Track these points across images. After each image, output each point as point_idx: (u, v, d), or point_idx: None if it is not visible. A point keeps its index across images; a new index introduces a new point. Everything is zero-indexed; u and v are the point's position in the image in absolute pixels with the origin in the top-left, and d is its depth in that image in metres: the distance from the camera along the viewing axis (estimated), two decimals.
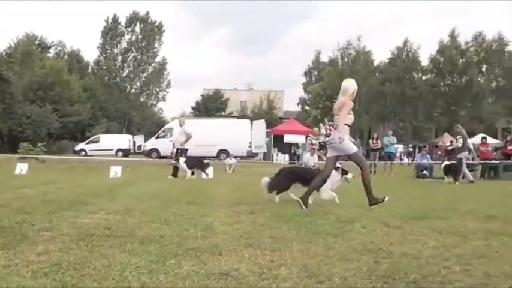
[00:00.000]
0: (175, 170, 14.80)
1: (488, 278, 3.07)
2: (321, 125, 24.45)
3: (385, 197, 7.02)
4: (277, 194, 7.58)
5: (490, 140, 34.04)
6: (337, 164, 7.51)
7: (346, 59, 61.00)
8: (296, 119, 44.16)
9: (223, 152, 29.57)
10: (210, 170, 15.28)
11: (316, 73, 68.50)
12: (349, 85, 7.32)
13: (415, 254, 3.74)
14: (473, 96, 55.49)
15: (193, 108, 63.19)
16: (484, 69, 59.39)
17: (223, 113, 60.85)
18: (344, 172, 7.73)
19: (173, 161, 15.27)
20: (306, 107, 65.37)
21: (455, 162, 15.84)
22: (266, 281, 2.98)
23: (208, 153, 29.41)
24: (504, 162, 19.73)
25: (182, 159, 14.68)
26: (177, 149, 15.65)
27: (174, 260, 3.42)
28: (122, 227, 4.75)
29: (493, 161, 20.47)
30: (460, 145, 16.77)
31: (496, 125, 55.62)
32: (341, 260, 3.52)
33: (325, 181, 7.22)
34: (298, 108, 68.22)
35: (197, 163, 15.28)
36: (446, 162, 16.42)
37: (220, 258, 3.51)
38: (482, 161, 20.25)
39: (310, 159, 17.35)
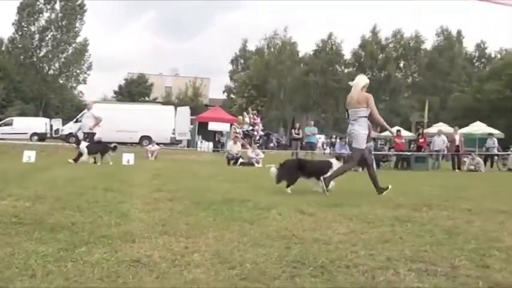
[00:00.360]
0: (79, 155, 14.15)
1: (389, 262, 3.26)
2: (244, 113, 24.66)
3: (388, 186, 7.77)
4: (287, 186, 7.63)
5: (405, 133, 35.98)
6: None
7: (272, 49, 61.71)
8: (221, 107, 44.10)
9: (145, 139, 28.99)
10: (130, 157, 14.92)
11: (242, 61, 68.84)
12: (359, 80, 7.90)
13: (326, 239, 3.90)
14: (391, 91, 58.23)
15: (115, 93, 61.40)
16: (401, 65, 62.57)
17: (147, 99, 59.59)
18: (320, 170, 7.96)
19: (75, 145, 14.63)
20: (232, 95, 65.56)
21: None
22: (178, 267, 2.99)
23: (130, 139, 28.77)
24: (415, 153, 20.93)
25: (84, 144, 14.12)
26: (84, 133, 15.09)
27: (84, 247, 3.34)
28: (31, 214, 4.55)
29: (406, 153, 21.64)
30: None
31: (411, 118, 58.85)
32: (254, 246, 3.59)
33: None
34: (223, 96, 68.34)
35: (101, 148, 14.62)
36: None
37: (133, 246, 3.47)
38: (396, 153, 21.35)
39: (233, 147, 17.46)
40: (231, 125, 31.16)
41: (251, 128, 28.18)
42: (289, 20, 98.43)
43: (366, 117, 7.71)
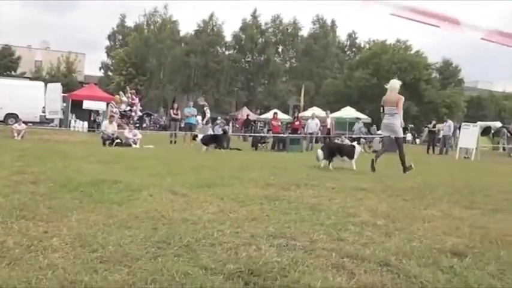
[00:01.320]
0: None
1: (253, 238, 3.39)
2: (121, 93, 23.74)
3: (411, 164, 9.89)
4: (328, 164, 9.86)
5: (282, 116, 37.39)
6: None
7: (152, 27, 60.03)
8: (97, 85, 42.05)
9: (11, 117, 26.80)
10: None
11: (120, 38, 65.93)
12: (395, 84, 10.05)
13: (195, 219, 3.93)
14: (269, 74, 59.85)
15: None
16: (280, 50, 64.50)
17: (13, 73, 54.79)
18: (348, 152, 10.16)
19: None
20: (109, 73, 62.77)
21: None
22: (33, 253, 2.82)
23: None
24: (291, 135, 21.84)
25: None
26: None
27: None
28: None
29: (282, 135, 22.49)
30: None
31: (288, 102, 61.27)
32: (120, 227, 3.51)
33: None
34: (100, 74, 65.06)
35: None
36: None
37: None
38: (273, 135, 22.10)
39: (108, 127, 16.78)
40: (107, 104, 29.86)
41: (129, 108, 27.30)
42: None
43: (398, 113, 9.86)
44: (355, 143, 10.87)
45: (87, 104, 31.15)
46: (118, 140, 16.45)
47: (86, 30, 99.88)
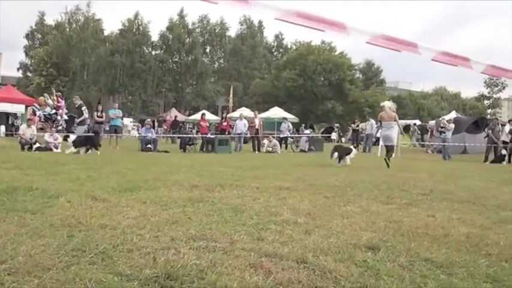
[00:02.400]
0: None
1: (173, 242, 3.37)
2: (46, 95, 22.60)
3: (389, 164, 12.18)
4: (339, 162, 12.28)
5: (211, 117, 37.31)
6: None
7: (74, 25, 57.73)
8: (15, 86, 39.88)
9: None
10: None
11: (40, 36, 62.89)
12: (390, 105, 13.05)
13: (114, 225, 3.83)
14: (198, 75, 59.43)
15: None
16: (208, 50, 64.28)
17: None
18: (347, 152, 12.72)
19: None
20: (29, 73, 59.69)
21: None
22: None
23: None
24: (219, 136, 21.81)
25: None
26: None
27: None
28: None
29: (210, 136, 22.39)
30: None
31: (217, 103, 61.28)
32: (32, 237, 3.36)
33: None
34: (19, 74, 61.69)
35: None
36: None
37: None
38: (202, 135, 21.95)
39: (26, 131, 15.96)
40: (26, 107, 28.42)
41: (54, 111, 26.23)
42: None
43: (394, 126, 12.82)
44: (352, 147, 13.95)
45: (4, 107, 29.43)
46: (38, 145, 15.70)
47: (1, 27, 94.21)
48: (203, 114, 25.41)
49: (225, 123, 24.40)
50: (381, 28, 2.71)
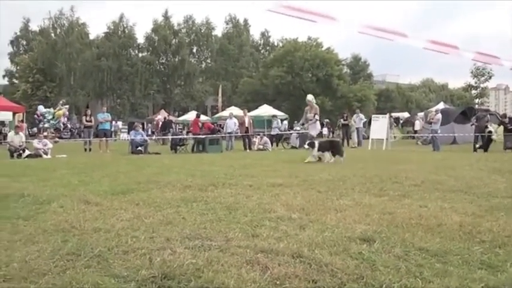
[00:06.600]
0: None
1: (168, 242, 3.36)
2: (59, 105, 22.68)
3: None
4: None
5: (201, 117, 37.14)
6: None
7: (59, 30, 57.32)
8: (1, 94, 39.53)
9: None
10: None
11: (25, 43, 62.40)
12: (312, 98, 14.61)
13: (108, 228, 3.82)
14: (185, 76, 59.32)
15: None
16: (194, 50, 64.18)
17: None
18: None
19: None
20: (14, 80, 59.19)
21: None
22: None
23: None
24: (209, 136, 21.75)
25: None
26: None
27: None
28: None
29: (201, 136, 22.32)
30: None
31: (206, 103, 61.16)
32: (26, 243, 3.34)
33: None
34: (4, 82, 61.19)
35: None
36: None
37: None
38: (193, 136, 21.89)
39: (15, 138, 15.83)
40: (14, 114, 28.22)
41: (64, 120, 27.04)
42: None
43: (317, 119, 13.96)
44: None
45: None
46: (28, 152, 15.58)
47: None
48: (198, 114, 25.59)
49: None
50: (370, 20, 2.74)
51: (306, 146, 12.09)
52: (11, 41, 62.55)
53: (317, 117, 14.06)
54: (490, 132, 17.75)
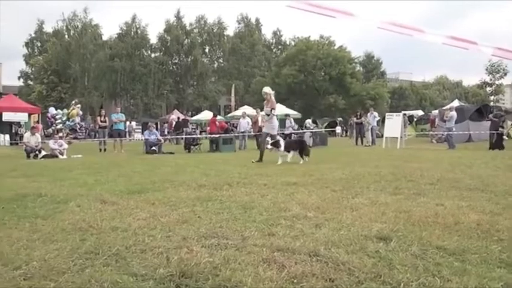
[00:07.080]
0: None
1: (185, 241, 3.38)
2: (72, 106, 22.94)
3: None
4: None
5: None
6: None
7: (72, 32, 57.81)
8: (17, 95, 40.00)
9: None
10: None
11: (39, 44, 63.04)
12: (269, 90, 12.95)
13: (125, 227, 3.85)
14: (198, 75, 59.42)
15: None
16: (207, 50, 64.24)
17: None
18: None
19: None
20: (30, 82, 59.83)
21: None
22: None
23: None
24: (223, 136, 21.80)
25: None
26: None
27: None
28: None
29: (214, 135, 22.38)
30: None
31: (219, 102, 61.27)
32: (45, 242, 3.38)
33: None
34: (20, 83, 61.86)
35: None
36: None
37: None
38: (208, 136, 21.97)
39: (31, 139, 16.01)
40: (29, 115, 28.54)
41: (78, 120, 27.41)
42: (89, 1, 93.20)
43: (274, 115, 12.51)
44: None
45: (7, 116, 29.49)
46: (44, 152, 15.76)
47: (1, 38, 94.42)
48: (215, 114, 25.79)
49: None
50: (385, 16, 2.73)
51: (269, 147, 11.53)
52: (26, 43, 63.26)
53: (274, 112, 12.50)
54: (502, 128, 17.68)
